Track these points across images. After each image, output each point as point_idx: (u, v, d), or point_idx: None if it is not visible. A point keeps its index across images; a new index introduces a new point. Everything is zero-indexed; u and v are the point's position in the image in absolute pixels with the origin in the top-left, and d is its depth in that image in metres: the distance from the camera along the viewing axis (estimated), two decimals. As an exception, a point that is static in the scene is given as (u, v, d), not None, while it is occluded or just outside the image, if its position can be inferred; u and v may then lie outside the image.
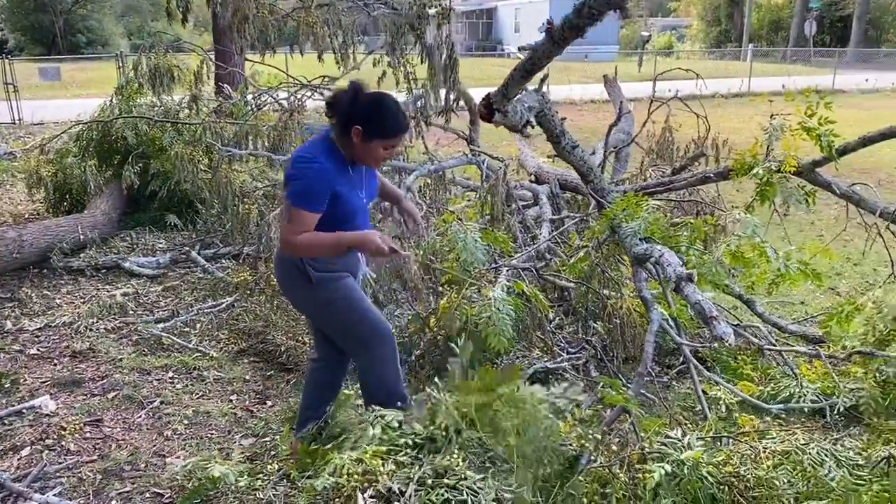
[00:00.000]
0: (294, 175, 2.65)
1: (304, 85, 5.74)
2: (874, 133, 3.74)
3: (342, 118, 2.65)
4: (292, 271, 2.77)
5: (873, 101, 20.55)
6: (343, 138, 2.68)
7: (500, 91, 3.60)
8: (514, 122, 3.58)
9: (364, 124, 2.62)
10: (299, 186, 2.63)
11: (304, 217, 2.63)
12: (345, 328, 2.86)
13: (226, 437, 3.37)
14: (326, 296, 2.78)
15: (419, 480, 2.49)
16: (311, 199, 2.63)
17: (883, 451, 2.87)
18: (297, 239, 2.66)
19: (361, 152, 2.70)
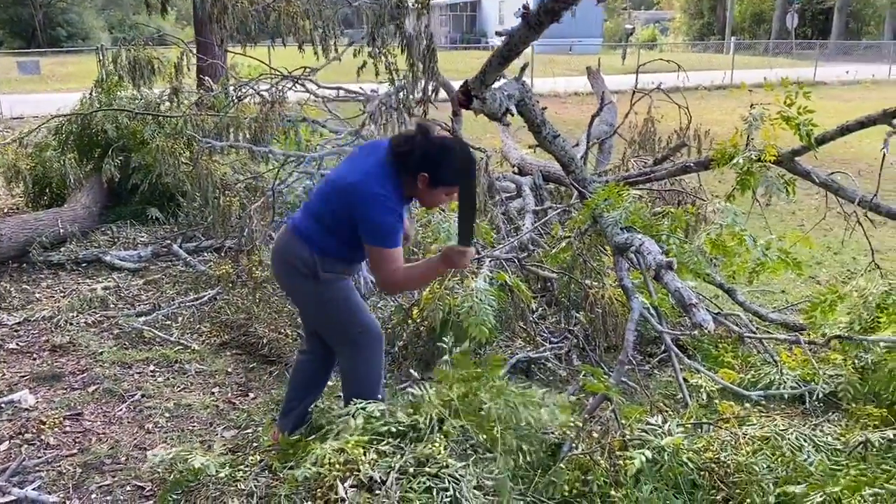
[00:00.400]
0: (373, 217, 2.61)
1: (285, 76, 5.70)
2: (852, 122, 3.77)
3: (411, 164, 2.63)
4: (299, 265, 2.75)
5: (853, 93, 20.74)
6: (407, 179, 2.66)
7: (478, 78, 3.60)
8: (494, 110, 3.58)
9: (432, 172, 2.62)
10: (383, 228, 2.62)
11: (395, 254, 2.65)
12: (338, 326, 2.88)
13: (207, 429, 3.35)
14: (329, 295, 2.80)
15: (400, 469, 2.49)
16: (396, 236, 2.65)
17: (860, 435, 2.90)
18: (400, 278, 2.70)
19: (423, 197, 2.73)
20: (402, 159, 2.64)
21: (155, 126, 6.34)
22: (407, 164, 2.63)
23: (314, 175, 4.94)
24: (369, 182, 2.62)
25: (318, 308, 2.88)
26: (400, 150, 2.65)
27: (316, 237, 2.74)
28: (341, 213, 2.67)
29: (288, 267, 2.81)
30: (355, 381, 2.93)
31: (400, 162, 2.65)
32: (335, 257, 2.76)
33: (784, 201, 5.77)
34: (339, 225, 2.69)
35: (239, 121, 5.42)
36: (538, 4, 3.36)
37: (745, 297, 4.61)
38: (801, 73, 21.42)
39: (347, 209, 2.64)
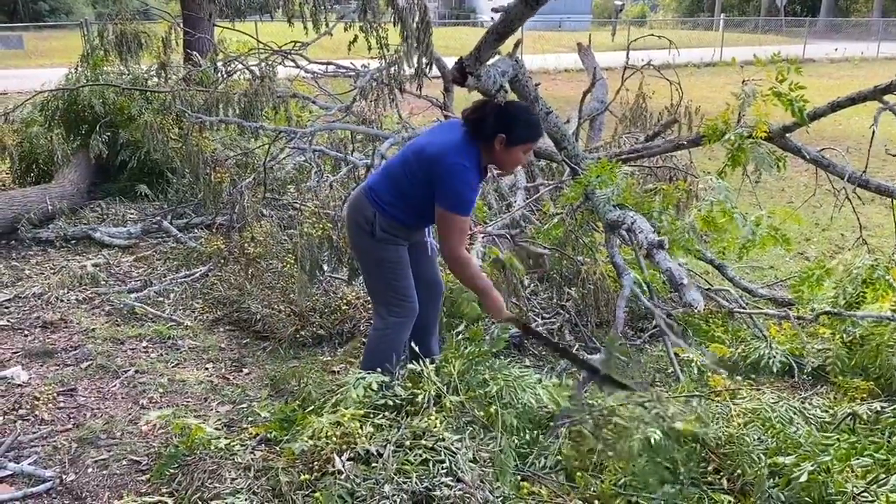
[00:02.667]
0: (453, 182, 2.76)
1: (274, 51, 5.65)
2: (843, 98, 3.79)
3: (487, 129, 2.78)
4: (361, 221, 2.94)
5: (842, 70, 20.78)
6: (485, 145, 2.81)
7: (473, 54, 3.59)
8: (488, 87, 3.57)
9: (508, 132, 2.78)
10: (459, 195, 2.77)
11: (464, 226, 2.82)
12: (380, 286, 3.04)
13: (202, 404, 3.36)
14: (381, 255, 2.96)
15: (397, 442, 2.51)
16: (469, 207, 2.81)
17: (848, 408, 2.95)
18: (466, 256, 2.88)
19: (503, 158, 2.85)
20: (478, 125, 2.80)
21: (143, 102, 6.27)
22: (483, 129, 2.79)
23: (306, 151, 4.91)
24: (452, 153, 2.78)
25: (369, 265, 3.04)
26: (473, 118, 2.82)
27: (385, 198, 2.89)
28: (420, 180, 2.81)
29: (352, 222, 3.01)
30: (378, 344, 3.06)
31: (475, 129, 2.80)
32: (396, 221, 2.91)
33: (773, 178, 5.81)
34: (413, 190, 2.85)
35: (228, 96, 5.37)
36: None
37: (734, 272, 4.64)
38: (790, 51, 21.41)
39: (427, 176, 2.79)
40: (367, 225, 2.93)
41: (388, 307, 3.03)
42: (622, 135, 5.88)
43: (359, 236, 3.00)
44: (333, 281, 4.34)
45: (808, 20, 31.86)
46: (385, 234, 2.92)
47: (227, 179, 5.13)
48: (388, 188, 2.92)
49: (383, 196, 2.91)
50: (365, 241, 2.98)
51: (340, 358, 3.69)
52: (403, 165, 2.90)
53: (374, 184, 2.98)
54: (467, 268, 2.88)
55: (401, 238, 2.97)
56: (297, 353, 3.84)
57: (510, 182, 5.43)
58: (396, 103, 5.21)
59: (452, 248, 2.83)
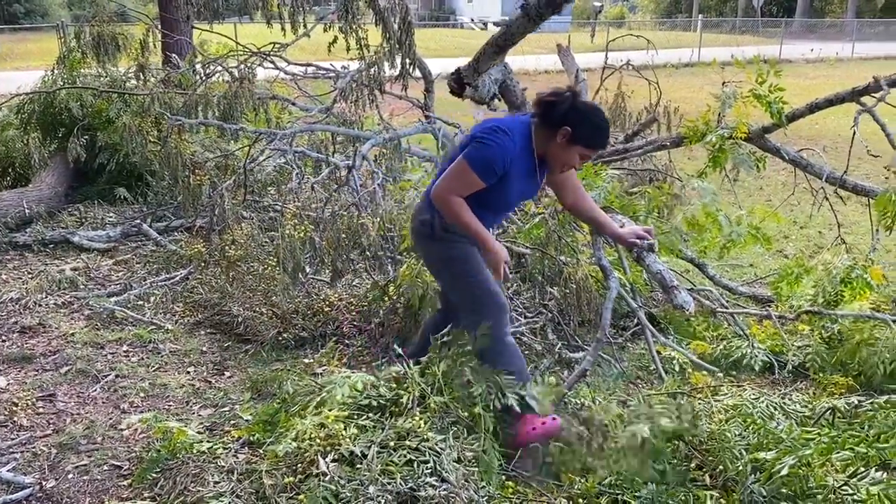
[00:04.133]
0: (483, 138, 2.67)
1: (253, 53, 5.62)
2: (821, 100, 3.84)
3: (556, 116, 2.65)
4: (420, 226, 2.88)
5: (818, 71, 21.04)
6: (545, 132, 2.70)
7: (472, 66, 3.60)
8: (483, 96, 3.60)
9: (575, 127, 2.65)
10: (484, 151, 2.66)
11: (471, 180, 2.67)
12: (461, 286, 2.91)
13: (184, 408, 3.33)
14: (446, 252, 2.86)
15: (381, 443, 2.51)
16: (487, 168, 2.66)
17: (827, 402, 2.99)
18: (453, 198, 2.71)
19: (558, 152, 2.72)
20: (547, 109, 2.68)
21: (121, 104, 6.21)
22: (551, 114, 2.67)
23: (286, 152, 4.89)
24: (502, 122, 2.73)
25: (440, 268, 2.97)
26: (547, 100, 2.68)
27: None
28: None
29: (414, 231, 2.96)
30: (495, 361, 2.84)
31: (543, 112, 2.69)
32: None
33: (752, 177, 5.87)
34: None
35: (208, 98, 5.33)
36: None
37: (715, 271, 4.69)
38: (766, 51, 21.64)
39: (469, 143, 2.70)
40: (425, 227, 2.85)
41: (476, 304, 2.85)
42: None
43: (421, 242, 2.94)
44: (315, 283, 4.33)
45: (785, 21, 32.21)
46: (445, 233, 2.82)
47: (207, 182, 5.09)
48: None
49: None
50: (427, 245, 2.91)
51: (322, 359, 3.67)
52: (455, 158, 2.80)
53: (430, 187, 2.89)
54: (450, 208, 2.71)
55: (463, 237, 2.82)
56: (280, 355, 3.82)
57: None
58: (377, 104, 5.20)
59: (444, 187, 2.72)
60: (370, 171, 4.67)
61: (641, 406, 2.81)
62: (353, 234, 3.74)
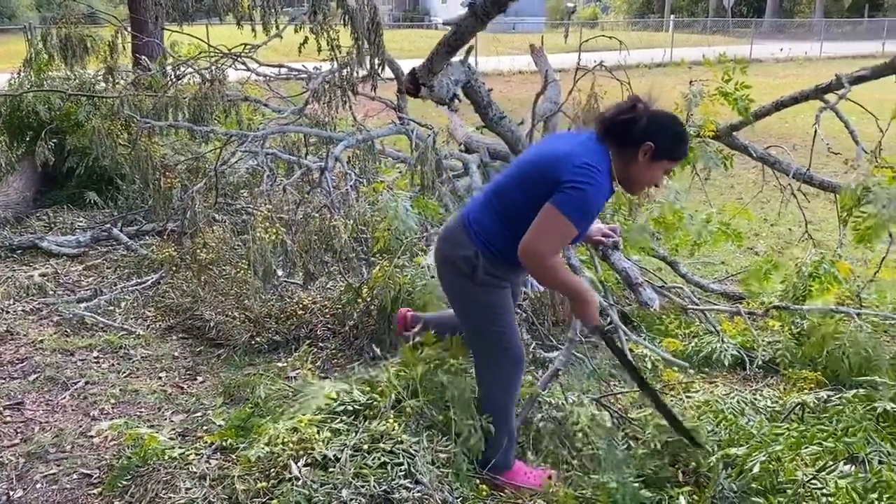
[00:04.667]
0: (577, 183, 2.28)
1: (224, 54, 5.58)
2: (787, 98, 3.90)
3: (636, 134, 2.36)
4: (459, 261, 2.52)
5: (788, 70, 21.33)
6: (625, 154, 2.40)
7: (426, 66, 3.61)
8: (441, 96, 3.60)
9: (658, 142, 2.37)
10: (582, 198, 2.29)
11: (570, 233, 2.33)
12: (481, 334, 2.65)
13: (155, 414, 3.29)
14: (482, 299, 2.56)
15: (355, 446, 2.50)
16: (586, 217, 2.37)
17: (797, 398, 3.03)
18: (553, 257, 2.36)
19: (640, 172, 2.43)
20: (624, 128, 2.38)
21: (90, 107, 6.13)
22: (630, 133, 2.37)
23: (258, 154, 4.86)
24: (583, 154, 2.34)
25: (468, 310, 2.66)
26: (622, 119, 2.38)
27: (490, 229, 2.48)
28: (538, 194, 2.33)
29: (446, 260, 2.60)
30: (488, 399, 2.71)
31: (620, 132, 2.38)
32: (501, 258, 2.48)
33: (723, 175, 5.93)
34: (529, 211, 2.35)
35: (178, 100, 5.28)
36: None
37: (687, 268, 4.73)
38: (737, 51, 21.85)
39: (548, 186, 2.32)
40: (465, 266, 2.50)
41: (488, 360, 2.66)
42: (575, 135, 5.94)
43: (454, 277, 2.59)
44: (289, 286, 4.30)
45: (754, 21, 32.70)
46: (488, 277, 2.50)
47: (178, 185, 5.04)
48: (494, 215, 2.49)
49: (488, 227, 2.49)
50: (462, 284, 2.56)
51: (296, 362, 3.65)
52: (513, 185, 2.47)
53: (475, 213, 2.54)
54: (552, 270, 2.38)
55: (505, 280, 2.56)
56: (253, 359, 3.79)
57: (466, 184, 5.45)
58: (350, 105, 5.18)
59: (543, 243, 2.32)
60: (343, 172, 4.65)
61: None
62: (324, 236, 3.73)
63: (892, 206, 3.15)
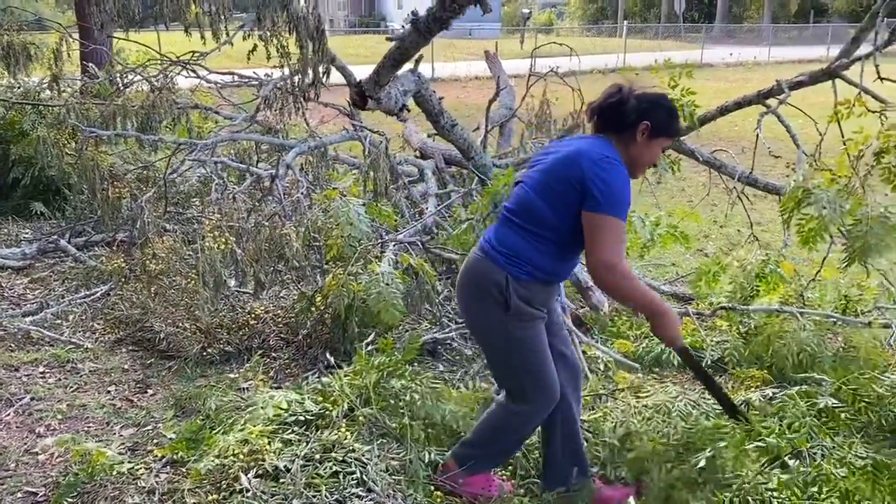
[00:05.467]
0: (604, 177, 2.23)
1: (173, 62, 5.50)
2: (730, 102, 3.99)
3: (630, 114, 2.34)
4: (491, 285, 2.35)
5: (737, 74, 21.84)
6: (624, 139, 2.37)
7: (372, 79, 3.64)
8: (390, 107, 3.62)
9: (654, 119, 2.35)
10: (615, 190, 2.23)
11: (622, 229, 2.24)
12: (514, 371, 2.48)
13: (104, 429, 3.23)
14: (514, 332, 2.39)
15: (306, 456, 2.49)
16: (625, 206, 2.27)
17: (743, 396, 3.10)
18: (624, 265, 2.23)
19: (640, 153, 2.39)
20: (617, 111, 2.36)
21: (35, 116, 6.00)
22: (623, 115, 2.35)
23: (207, 162, 4.80)
24: (595, 148, 2.31)
25: (497, 344, 2.47)
26: (611, 102, 2.37)
27: (513, 249, 2.36)
28: (560, 192, 2.28)
29: (473, 290, 2.43)
30: (498, 429, 2.56)
31: (615, 117, 2.37)
32: (532, 278, 2.35)
33: (674, 179, 6.04)
34: (554, 217, 2.30)
35: (126, 108, 5.19)
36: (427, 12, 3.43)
37: (638, 271, 4.81)
38: (689, 55, 22.32)
39: (573, 182, 2.25)
40: (498, 293, 2.33)
41: (520, 396, 2.48)
42: (528, 141, 6.00)
43: (483, 309, 2.41)
44: (241, 295, 4.26)
45: (705, 26, 33.35)
46: (522, 305, 2.35)
47: (127, 194, 4.95)
48: (517, 231, 2.37)
49: (513, 245, 2.36)
50: (493, 316, 2.38)
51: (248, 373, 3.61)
52: (534, 196, 2.35)
53: (495, 237, 2.42)
54: (627, 279, 2.25)
55: (540, 309, 2.42)
56: (205, 371, 3.74)
57: (422, 190, 5.46)
58: (303, 112, 5.15)
59: (608, 251, 2.21)
60: (295, 179, 4.62)
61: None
62: (276, 244, 3.70)
63: (832, 208, 3.24)
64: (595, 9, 47.07)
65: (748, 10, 44.53)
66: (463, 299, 2.54)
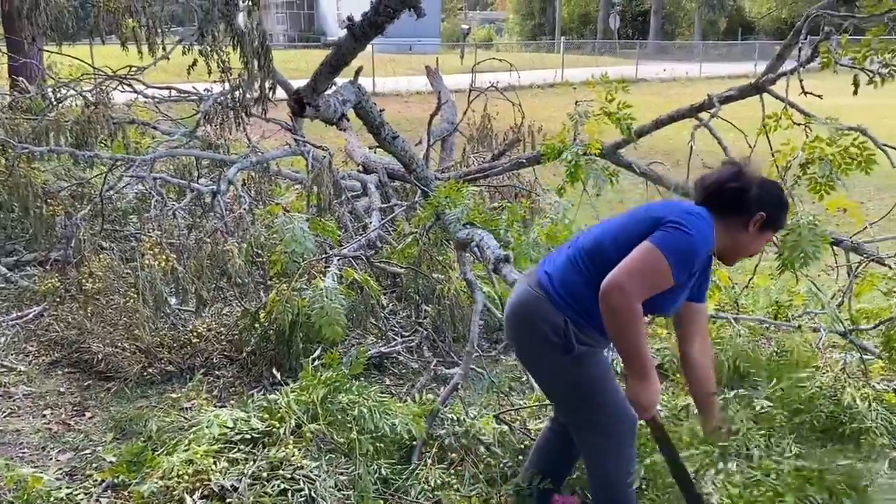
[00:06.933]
0: (681, 223, 2.09)
1: (109, 76, 5.39)
2: (664, 116, 4.12)
3: (751, 202, 2.19)
4: (549, 329, 2.21)
5: (671, 89, 22.50)
6: (733, 223, 2.22)
7: (310, 85, 3.64)
8: (329, 116, 3.63)
9: (770, 212, 2.21)
10: (684, 239, 2.08)
11: (662, 277, 2.06)
12: (587, 409, 2.33)
13: (40, 454, 3.12)
14: (584, 372, 2.27)
15: (253, 475, 2.46)
16: (685, 263, 2.09)
17: (684, 400, 3.19)
18: (638, 302, 2.05)
19: (747, 242, 2.26)
20: (735, 198, 2.20)
21: (-39, 132, 5.77)
22: (742, 203, 2.19)
23: (145, 179, 4.71)
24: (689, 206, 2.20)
25: (567, 387, 2.33)
26: (732, 187, 2.20)
27: (575, 294, 2.21)
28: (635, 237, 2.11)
29: (528, 331, 2.29)
30: (603, 476, 2.39)
31: (730, 202, 2.20)
32: (592, 327, 2.21)
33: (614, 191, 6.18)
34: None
35: (60, 124, 5.06)
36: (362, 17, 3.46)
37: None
38: (624, 71, 22.90)
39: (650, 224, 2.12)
40: (556, 337, 2.20)
41: (600, 433, 2.33)
42: (470, 155, 6.08)
43: (541, 351, 2.28)
44: (183, 314, 4.18)
45: (639, 43, 34.30)
46: (585, 347, 2.22)
47: (62, 212, 4.82)
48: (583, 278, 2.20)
49: (575, 290, 2.20)
50: (553, 359, 2.25)
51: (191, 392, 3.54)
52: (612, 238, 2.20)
53: (557, 277, 2.25)
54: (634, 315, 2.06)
55: (599, 343, 2.29)
56: (146, 391, 3.65)
57: (366, 204, 5.46)
58: (245, 127, 5.11)
59: (630, 280, 2.04)
60: (237, 195, 4.57)
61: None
62: (217, 261, 3.65)
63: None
64: (533, 25, 47.88)
65: (680, 28, 45.94)
66: (515, 335, 2.39)
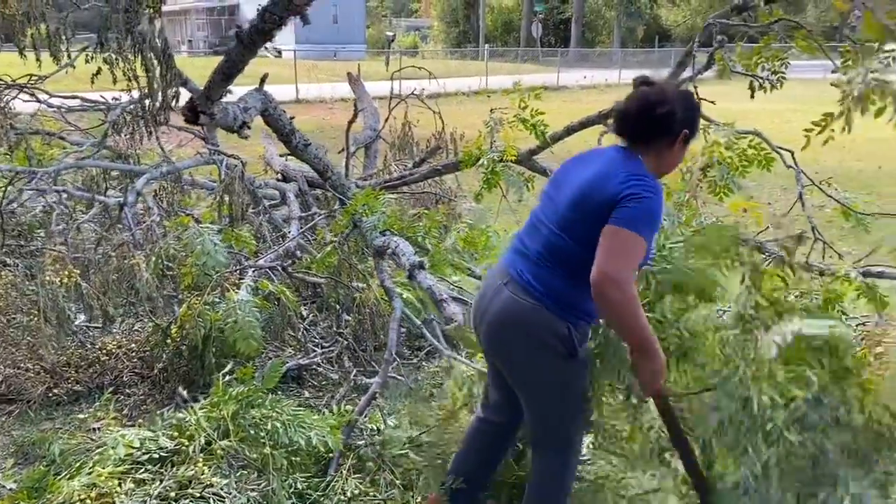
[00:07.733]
0: (636, 194, 1.99)
1: (7, 85, 5.14)
2: (575, 123, 4.21)
3: (677, 123, 2.11)
4: (553, 339, 2.12)
5: (591, 96, 23.01)
6: (663, 148, 2.14)
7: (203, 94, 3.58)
8: (228, 123, 3.58)
9: (692, 125, 2.16)
10: (646, 207, 1.99)
11: (641, 248, 1.99)
12: (558, 417, 2.27)
13: (-68, 485, 2.94)
14: (570, 379, 2.21)
15: (160, 495, 2.39)
16: (654, 226, 2.03)
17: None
18: (632, 284, 1.97)
19: (673, 161, 2.20)
20: (666, 123, 2.11)
21: None
22: (671, 126, 2.11)
23: (48, 191, 4.51)
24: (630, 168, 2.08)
25: (545, 388, 2.23)
26: (663, 112, 2.09)
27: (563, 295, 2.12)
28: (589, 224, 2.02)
29: (530, 342, 2.16)
30: (552, 485, 2.33)
31: (660, 128, 2.11)
32: (584, 316, 2.16)
33: (534, 196, 6.27)
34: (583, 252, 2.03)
35: (-46, 136, 4.81)
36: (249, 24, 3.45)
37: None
38: (546, 79, 23.41)
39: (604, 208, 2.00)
40: (561, 345, 2.12)
41: (564, 443, 2.29)
42: (392, 162, 6.08)
43: (541, 360, 2.17)
44: (91, 331, 4.02)
45: (561, 51, 35.01)
46: (582, 349, 2.18)
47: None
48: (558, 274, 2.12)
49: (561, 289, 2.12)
50: (554, 366, 2.16)
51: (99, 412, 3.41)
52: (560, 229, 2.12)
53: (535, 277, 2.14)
54: (633, 300, 1.96)
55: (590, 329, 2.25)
56: (51, 413, 3.49)
57: (284, 213, 5.38)
58: (157, 136, 4.96)
59: (620, 265, 1.95)
60: (147, 206, 4.43)
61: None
62: (125, 275, 3.52)
63: (671, 220, 3.48)
64: (458, 32, 48.27)
65: (600, 36, 47.13)
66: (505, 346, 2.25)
